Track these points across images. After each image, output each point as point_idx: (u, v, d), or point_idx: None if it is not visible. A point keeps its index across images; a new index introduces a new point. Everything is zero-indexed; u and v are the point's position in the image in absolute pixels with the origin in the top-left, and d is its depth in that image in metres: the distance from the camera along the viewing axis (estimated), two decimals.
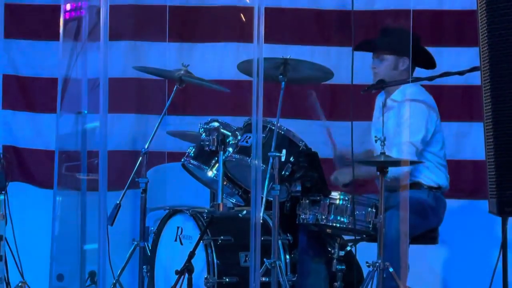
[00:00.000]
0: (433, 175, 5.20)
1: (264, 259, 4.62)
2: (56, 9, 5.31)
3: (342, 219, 4.79)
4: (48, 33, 6.08)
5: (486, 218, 4.60)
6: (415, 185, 5.14)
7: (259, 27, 4.47)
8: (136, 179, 5.46)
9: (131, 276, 5.75)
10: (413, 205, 4.92)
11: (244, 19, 5.73)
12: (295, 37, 6.24)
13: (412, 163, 4.94)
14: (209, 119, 5.10)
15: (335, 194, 4.83)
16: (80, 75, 5.33)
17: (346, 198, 4.81)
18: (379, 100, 5.43)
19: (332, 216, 4.80)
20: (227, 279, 4.79)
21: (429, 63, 5.31)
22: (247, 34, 4.61)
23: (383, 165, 4.68)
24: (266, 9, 4.45)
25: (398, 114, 5.17)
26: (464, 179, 5.80)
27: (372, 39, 5.42)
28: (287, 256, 4.97)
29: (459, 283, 6.01)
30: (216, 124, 5.01)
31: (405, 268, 4.79)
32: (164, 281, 4.95)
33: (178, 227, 5.02)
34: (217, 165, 5.01)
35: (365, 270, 4.83)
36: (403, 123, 5.13)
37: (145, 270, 5.22)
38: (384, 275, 4.63)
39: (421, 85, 5.29)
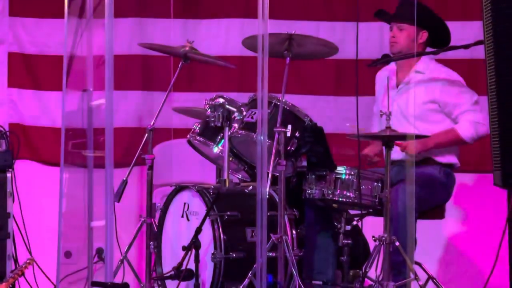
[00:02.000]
0: (446, 152, 5.22)
1: (271, 234, 4.66)
2: None
3: (348, 194, 4.81)
4: (52, 10, 6.09)
5: (491, 191, 4.62)
6: (428, 161, 5.17)
7: (263, 2, 4.47)
8: (143, 156, 5.48)
9: (139, 252, 5.79)
10: (424, 180, 4.99)
11: None
12: (300, 13, 6.23)
13: (417, 137, 4.95)
14: (214, 95, 5.11)
15: (340, 169, 4.85)
16: (85, 52, 5.33)
17: (352, 173, 4.82)
18: (381, 76, 5.43)
19: (338, 190, 4.82)
20: (234, 255, 4.83)
21: (446, 41, 5.32)
22: (252, 10, 4.62)
23: (389, 139, 4.71)
24: None
25: (433, 78, 5.20)
26: (470, 152, 5.80)
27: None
28: (294, 231, 5.00)
29: (464, 257, 6.03)
30: (221, 100, 5.03)
31: (411, 242, 4.80)
32: (171, 257, 4.99)
33: (184, 203, 5.06)
34: (222, 141, 5.03)
35: (372, 245, 4.87)
36: (454, 87, 5.18)
37: (152, 246, 5.26)
38: (391, 249, 4.66)
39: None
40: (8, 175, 5.20)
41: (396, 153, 4.88)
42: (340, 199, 4.83)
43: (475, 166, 5.96)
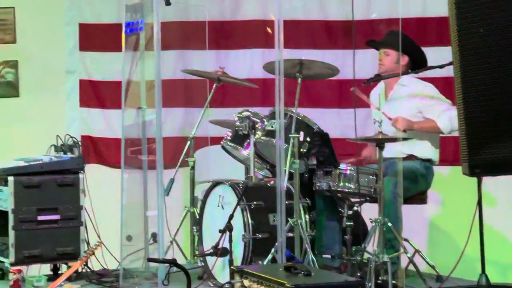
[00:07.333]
0: (425, 150, 5.20)
1: (288, 219, 4.65)
2: (119, 27, 5.34)
3: (349, 185, 4.79)
4: (113, 45, 6.09)
5: (464, 180, 4.59)
6: (411, 157, 5.15)
7: (279, 35, 4.50)
8: (186, 159, 5.51)
9: (184, 235, 5.80)
10: (407, 172, 4.93)
11: (270, 31, 5.70)
12: (309, 43, 6.23)
13: (404, 139, 4.93)
14: (242, 109, 5.09)
15: (343, 166, 4.83)
16: (139, 78, 5.36)
17: (352, 169, 4.81)
18: (372, 95, 5.42)
19: (342, 183, 4.80)
20: (259, 235, 4.80)
21: (423, 63, 5.29)
22: (270, 41, 4.64)
23: (381, 141, 4.69)
24: (284, 21, 4.50)
25: (415, 91, 5.17)
26: (448, 150, 5.78)
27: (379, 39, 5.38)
28: (307, 216, 4.95)
29: (444, 235, 6.01)
30: (247, 113, 5.02)
31: (400, 222, 4.79)
32: (210, 239, 4.96)
33: (220, 195, 5.03)
34: (249, 145, 5.00)
35: (369, 225, 4.84)
36: (433, 98, 5.14)
37: (195, 230, 5.28)
38: (384, 229, 4.64)
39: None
40: (81, 176, 5.21)
41: (386, 152, 4.86)
42: (343, 189, 4.81)
43: (450, 161, 5.93)
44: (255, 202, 4.85)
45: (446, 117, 5.02)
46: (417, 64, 5.28)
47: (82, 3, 6.68)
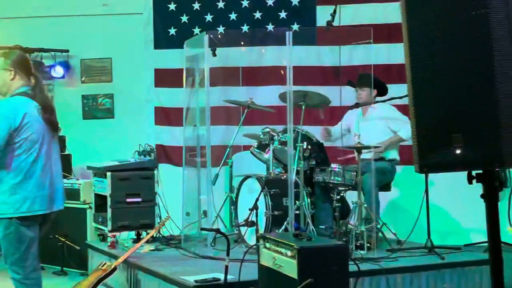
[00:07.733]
0: (391, 153, 5.20)
1: (296, 201, 4.68)
2: (181, 70, 5.43)
3: (337, 179, 4.83)
4: (177, 83, 6.10)
5: (417, 176, 4.63)
6: (381, 159, 5.16)
7: (289, 76, 4.55)
8: (226, 160, 5.52)
9: (225, 212, 5.84)
10: (379, 169, 4.95)
11: (283, 73, 5.74)
12: (310, 81, 6.20)
13: (375, 147, 4.95)
14: (264, 127, 5.14)
15: (333, 165, 4.86)
16: (195, 105, 5.43)
17: (340, 167, 4.83)
18: (353, 113, 5.39)
19: (332, 177, 4.83)
20: (276, 213, 4.78)
21: (386, 92, 5.33)
22: (283, 80, 4.70)
23: (360, 148, 4.74)
24: (293, 67, 4.55)
25: (382, 112, 5.15)
26: (406, 155, 5.77)
27: (355, 80, 5.40)
28: (308, 199, 4.94)
29: (402, 211, 6.01)
30: (268, 129, 5.07)
31: (374, 204, 4.76)
32: (243, 215, 4.95)
33: (249, 185, 5.03)
34: (269, 151, 5.04)
35: (351, 206, 4.88)
36: (395, 115, 5.12)
37: (232, 209, 5.27)
38: (362, 209, 4.65)
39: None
40: (155, 171, 5.26)
41: (364, 155, 4.86)
42: (333, 181, 4.83)
43: (410, 162, 5.90)
44: (273, 190, 4.85)
45: (405, 129, 5.02)
46: (383, 93, 5.29)
47: (156, 55, 6.72)
